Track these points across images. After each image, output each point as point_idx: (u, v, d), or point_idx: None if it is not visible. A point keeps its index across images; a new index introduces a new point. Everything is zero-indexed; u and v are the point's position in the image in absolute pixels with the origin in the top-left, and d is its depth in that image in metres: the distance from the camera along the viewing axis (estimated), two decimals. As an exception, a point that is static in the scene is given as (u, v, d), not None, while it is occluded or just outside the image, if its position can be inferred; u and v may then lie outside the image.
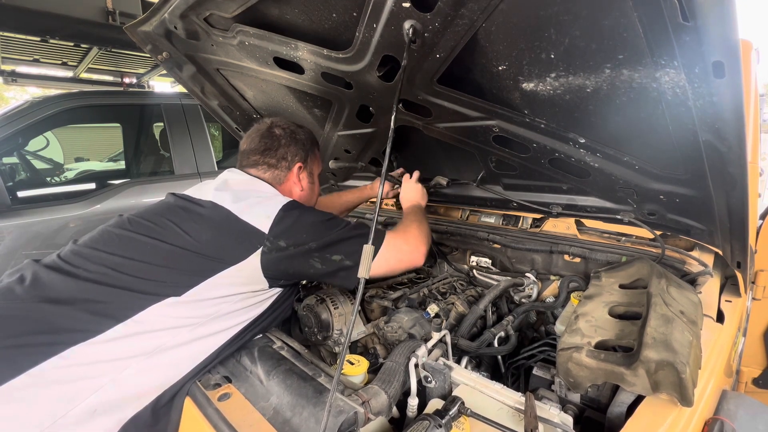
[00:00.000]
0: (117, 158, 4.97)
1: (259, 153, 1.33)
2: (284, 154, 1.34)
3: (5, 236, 2.53)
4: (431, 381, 0.98)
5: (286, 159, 1.34)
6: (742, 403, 0.98)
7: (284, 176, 1.34)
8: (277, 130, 1.35)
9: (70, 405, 0.86)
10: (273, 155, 1.33)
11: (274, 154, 1.33)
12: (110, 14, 2.88)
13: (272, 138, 1.34)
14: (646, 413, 0.84)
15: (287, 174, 1.34)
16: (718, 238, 1.22)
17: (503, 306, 1.59)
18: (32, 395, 0.83)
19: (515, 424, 0.83)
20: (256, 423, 0.87)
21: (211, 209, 1.13)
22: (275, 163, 1.33)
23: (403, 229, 1.31)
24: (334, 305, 1.39)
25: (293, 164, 1.35)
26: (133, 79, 4.30)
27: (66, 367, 0.87)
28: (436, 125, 1.40)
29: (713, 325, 1.16)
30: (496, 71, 1.06)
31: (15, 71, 3.86)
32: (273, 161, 1.33)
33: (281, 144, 1.34)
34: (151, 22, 1.39)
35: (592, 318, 1.06)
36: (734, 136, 0.78)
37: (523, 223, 1.81)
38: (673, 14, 0.66)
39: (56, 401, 0.85)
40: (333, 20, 1.11)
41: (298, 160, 1.36)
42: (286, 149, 1.34)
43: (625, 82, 0.89)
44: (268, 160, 1.32)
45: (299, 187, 1.38)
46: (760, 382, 1.90)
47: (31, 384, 0.84)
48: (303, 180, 1.38)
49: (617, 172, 1.20)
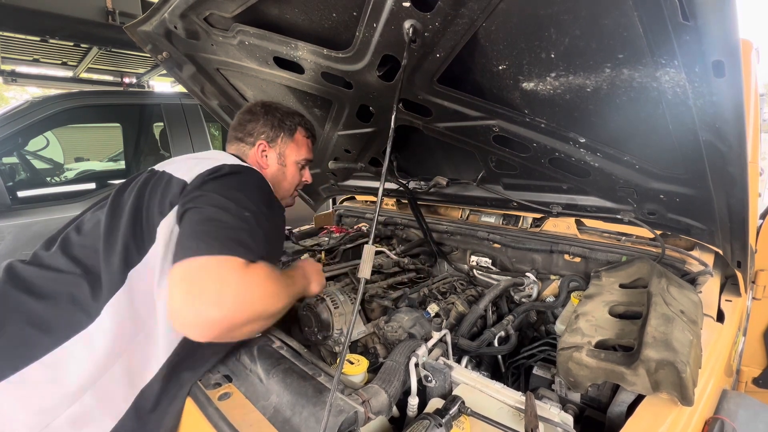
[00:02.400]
0: (117, 158, 4.96)
1: (233, 128, 1.35)
2: (251, 130, 1.33)
3: (5, 236, 2.53)
4: (431, 380, 0.98)
5: (251, 134, 1.33)
6: (743, 403, 0.98)
7: (247, 151, 1.33)
8: (255, 108, 1.36)
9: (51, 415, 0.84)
10: (242, 130, 1.34)
11: (243, 128, 1.33)
12: (110, 14, 2.88)
13: (247, 113, 1.35)
14: (646, 412, 0.84)
15: (250, 149, 1.33)
16: (719, 238, 1.22)
17: (503, 305, 1.59)
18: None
19: (515, 423, 0.83)
20: (256, 422, 0.87)
21: (158, 176, 1.08)
22: (242, 137, 1.33)
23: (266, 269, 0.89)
24: (334, 305, 1.39)
25: (257, 140, 1.33)
26: (133, 79, 4.30)
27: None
28: (436, 125, 1.40)
29: (713, 325, 1.16)
30: (496, 71, 1.06)
31: (15, 71, 3.86)
32: (240, 135, 1.33)
33: (251, 120, 1.34)
34: (151, 21, 1.40)
35: (592, 317, 1.06)
36: (734, 135, 0.78)
37: (524, 222, 1.81)
38: (674, 13, 0.66)
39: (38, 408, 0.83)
40: (333, 20, 1.11)
41: (264, 138, 1.33)
42: (254, 124, 1.33)
43: (625, 82, 0.89)
44: (236, 134, 1.34)
45: (264, 165, 1.35)
46: (760, 382, 1.90)
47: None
48: (267, 159, 1.35)
49: (617, 172, 1.20)
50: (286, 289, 0.98)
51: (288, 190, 1.44)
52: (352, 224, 2.47)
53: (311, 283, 1.23)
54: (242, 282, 0.82)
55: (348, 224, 2.50)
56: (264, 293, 0.86)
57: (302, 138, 1.42)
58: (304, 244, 2.06)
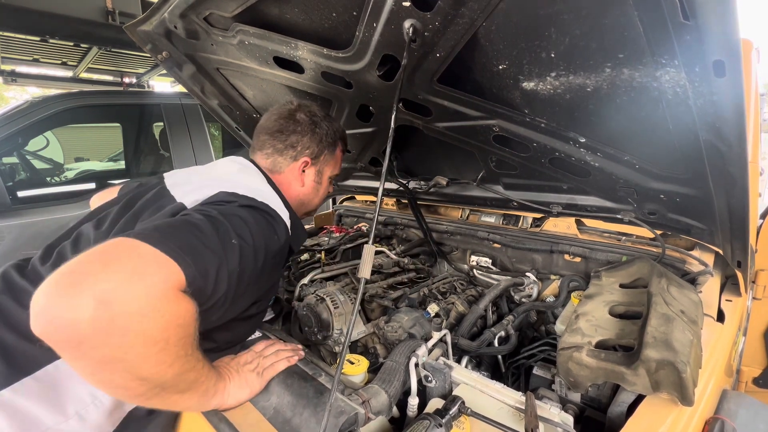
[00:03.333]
0: (117, 158, 4.96)
1: (270, 133, 1.20)
2: (294, 142, 1.20)
3: (5, 236, 2.53)
4: (431, 380, 0.98)
5: (294, 147, 1.20)
6: (743, 403, 0.98)
7: (285, 165, 1.20)
8: (299, 115, 1.22)
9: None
10: (283, 140, 1.19)
11: (285, 138, 1.19)
12: (110, 14, 2.88)
13: (291, 121, 1.21)
14: (646, 412, 0.84)
15: (290, 164, 1.20)
16: (719, 238, 1.22)
17: (503, 305, 1.59)
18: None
19: (516, 423, 0.83)
20: (256, 423, 0.87)
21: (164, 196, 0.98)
22: (282, 148, 1.19)
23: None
24: (334, 305, 1.38)
25: (300, 156, 1.21)
26: (132, 79, 4.30)
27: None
28: (437, 124, 1.40)
29: (714, 325, 1.16)
30: (496, 70, 1.06)
31: (15, 71, 3.86)
32: (280, 146, 1.19)
33: (296, 130, 1.20)
34: (151, 21, 1.39)
35: (592, 317, 1.06)
36: (735, 135, 0.78)
37: (524, 222, 1.81)
38: (674, 13, 0.66)
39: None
40: (333, 19, 1.11)
41: (308, 154, 1.22)
42: (299, 137, 1.20)
43: (625, 81, 0.89)
44: (275, 143, 1.19)
45: (300, 182, 1.23)
46: (761, 382, 1.90)
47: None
48: (307, 177, 1.25)
49: (618, 172, 1.20)
50: (186, 359, 0.70)
51: (315, 206, 1.36)
52: (352, 224, 2.47)
53: (227, 392, 0.87)
54: (149, 303, 0.61)
55: (348, 224, 2.50)
56: (157, 336, 0.62)
57: (340, 153, 1.35)
58: (303, 244, 2.06)
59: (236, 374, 0.91)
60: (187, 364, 0.71)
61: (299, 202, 1.27)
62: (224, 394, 0.86)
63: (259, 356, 0.99)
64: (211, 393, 0.83)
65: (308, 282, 1.60)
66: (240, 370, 0.93)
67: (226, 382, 0.88)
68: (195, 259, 0.69)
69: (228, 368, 0.92)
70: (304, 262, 1.86)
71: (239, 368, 0.93)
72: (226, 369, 0.91)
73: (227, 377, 0.89)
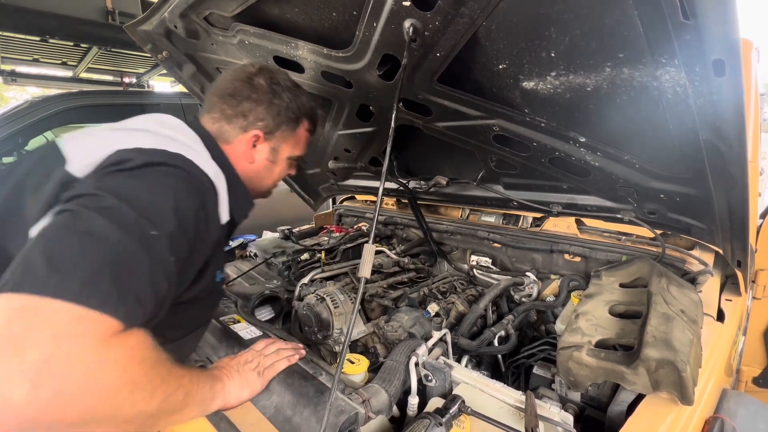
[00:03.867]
0: (117, 158, 4.96)
1: (220, 95, 1.02)
2: (246, 111, 1.01)
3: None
4: (431, 380, 0.98)
5: (245, 117, 1.01)
6: (742, 402, 0.98)
7: (233, 136, 1.02)
8: (258, 80, 1.03)
9: None
10: (233, 105, 1.01)
11: (236, 104, 1.01)
12: (110, 14, 2.88)
13: (246, 85, 1.02)
14: (646, 412, 0.84)
15: (239, 135, 1.02)
16: (719, 237, 1.22)
17: (503, 305, 1.59)
18: None
19: (516, 422, 0.83)
20: (257, 422, 0.87)
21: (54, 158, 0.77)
22: (231, 115, 1.01)
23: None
24: (334, 304, 1.39)
25: (251, 127, 1.02)
26: (132, 79, 4.30)
27: None
28: (437, 124, 1.40)
29: (713, 324, 1.16)
30: (496, 70, 1.06)
31: (15, 71, 3.86)
32: (229, 112, 1.01)
33: (250, 97, 1.01)
34: (151, 21, 1.40)
35: (592, 317, 1.06)
36: (735, 135, 0.78)
37: (524, 222, 1.81)
38: (674, 12, 0.66)
39: None
40: (333, 19, 1.11)
41: (261, 127, 1.03)
42: (252, 105, 1.02)
43: (625, 81, 0.89)
44: (224, 108, 1.01)
45: (248, 158, 1.05)
46: (760, 381, 1.90)
47: None
48: (258, 153, 1.06)
49: (618, 171, 1.20)
50: (166, 384, 0.65)
51: (267, 188, 1.18)
52: (352, 224, 2.47)
53: (228, 393, 0.84)
54: (94, 361, 0.53)
55: (348, 224, 2.50)
56: (120, 383, 0.56)
57: (304, 132, 1.16)
58: (304, 244, 2.07)
59: (237, 374, 0.89)
60: (169, 387, 0.66)
61: (247, 180, 1.07)
62: (225, 395, 0.84)
63: (259, 355, 0.97)
64: (210, 398, 0.80)
65: (308, 281, 1.60)
66: (241, 369, 0.91)
67: (224, 381, 0.86)
68: (120, 291, 0.58)
69: (228, 368, 0.90)
70: (304, 261, 1.86)
71: (240, 368, 0.91)
72: (226, 369, 0.90)
73: (226, 377, 0.87)
